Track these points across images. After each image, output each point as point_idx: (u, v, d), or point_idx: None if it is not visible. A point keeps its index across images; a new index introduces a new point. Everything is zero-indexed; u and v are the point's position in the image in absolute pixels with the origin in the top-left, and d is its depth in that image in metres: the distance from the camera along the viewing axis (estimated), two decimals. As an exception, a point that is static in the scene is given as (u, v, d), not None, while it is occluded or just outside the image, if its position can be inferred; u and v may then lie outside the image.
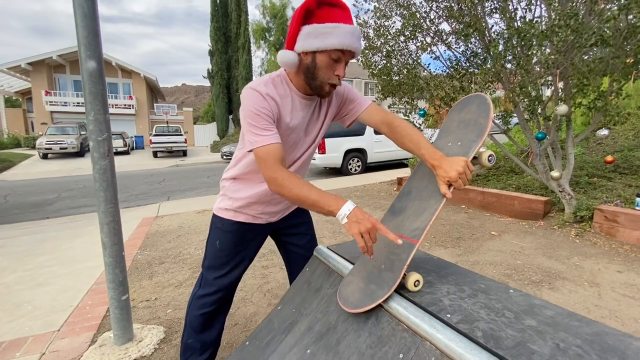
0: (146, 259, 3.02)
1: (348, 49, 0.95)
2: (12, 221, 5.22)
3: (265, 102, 0.98)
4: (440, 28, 3.33)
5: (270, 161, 0.94)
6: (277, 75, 1.06)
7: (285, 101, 1.04)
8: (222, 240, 1.21)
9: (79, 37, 1.36)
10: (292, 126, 1.06)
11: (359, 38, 0.98)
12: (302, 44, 0.96)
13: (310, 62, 0.98)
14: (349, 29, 0.94)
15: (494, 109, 3.18)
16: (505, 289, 0.89)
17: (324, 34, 0.93)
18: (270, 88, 1.01)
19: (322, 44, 0.93)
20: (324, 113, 1.16)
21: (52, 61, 19.63)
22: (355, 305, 0.86)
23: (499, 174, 4.62)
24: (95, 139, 1.42)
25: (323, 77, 0.98)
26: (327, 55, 0.95)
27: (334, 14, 0.94)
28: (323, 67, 0.97)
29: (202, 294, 1.24)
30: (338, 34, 0.93)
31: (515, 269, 2.41)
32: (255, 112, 0.96)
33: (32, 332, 1.89)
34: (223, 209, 1.21)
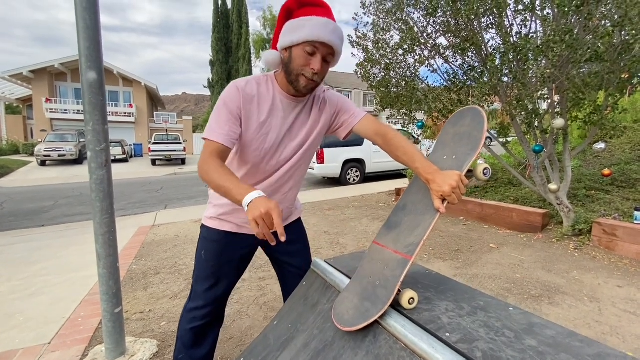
0: (141, 269, 2.98)
1: (319, 40, 0.93)
2: (7, 228, 5.17)
3: (237, 96, 0.99)
4: (437, 42, 3.38)
5: (207, 152, 0.95)
6: (264, 75, 1.08)
7: (265, 99, 1.04)
8: (208, 251, 1.18)
9: (81, 48, 1.37)
10: (267, 124, 1.04)
11: (334, 32, 0.96)
12: (281, 42, 0.98)
13: (287, 57, 0.99)
14: (322, 21, 0.94)
15: (490, 122, 3.19)
16: (505, 307, 0.88)
17: (297, 28, 0.94)
18: (251, 85, 1.02)
19: (295, 38, 0.94)
20: (315, 119, 1.12)
21: (53, 69, 19.79)
22: (349, 323, 0.85)
23: (497, 186, 4.63)
24: (94, 149, 1.41)
25: (297, 69, 0.97)
26: (301, 48, 0.95)
27: (314, 13, 0.95)
28: (297, 59, 0.96)
29: (192, 307, 1.21)
30: (310, 26, 0.93)
31: (515, 283, 2.39)
32: (222, 104, 0.98)
33: (22, 345, 1.84)
34: (209, 217, 1.19)
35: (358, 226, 4.09)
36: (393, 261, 0.92)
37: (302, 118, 1.09)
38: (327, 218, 4.54)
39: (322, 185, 8.24)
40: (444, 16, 3.23)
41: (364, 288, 0.92)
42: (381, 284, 0.89)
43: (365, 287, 0.92)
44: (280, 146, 1.07)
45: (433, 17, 3.18)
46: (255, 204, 0.79)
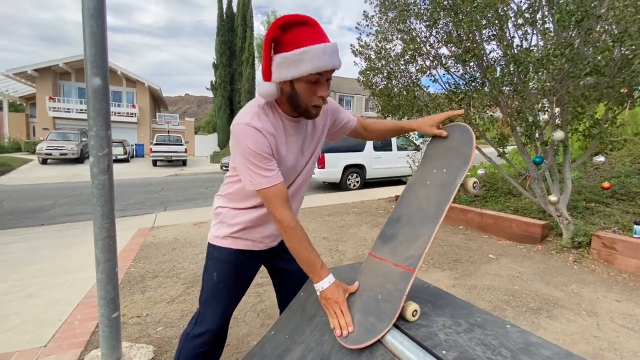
0: (139, 272, 2.98)
1: (324, 70, 0.90)
2: (6, 227, 5.17)
3: (265, 139, 0.95)
4: (439, 52, 3.40)
5: (277, 203, 0.94)
6: (265, 103, 1.01)
7: (279, 131, 1.01)
8: (220, 272, 1.14)
9: (86, 54, 1.39)
10: (289, 153, 1.05)
11: (335, 53, 0.91)
12: (278, 75, 0.91)
13: (289, 90, 0.94)
14: (320, 49, 0.88)
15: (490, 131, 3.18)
16: (502, 324, 0.88)
17: (295, 62, 0.88)
18: (264, 121, 0.97)
19: (296, 73, 0.89)
20: (320, 129, 1.14)
21: (58, 68, 19.91)
22: (355, 340, 0.84)
23: (497, 196, 4.63)
24: (96, 154, 1.42)
25: (306, 102, 0.95)
26: (304, 81, 0.91)
27: (302, 36, 0.88)
28: (303, 93, 0.93)
29: (198, 332, 1.15)
30: (310, 59, 0.87)
31: (513, 295, 2.38)
32: (256, 151, 0.93)
33: (18, 347, 1.84)
34: (220, 237, 1.14)
35: (357, 233, 4.08)
36: (394, 274, 0.92)
37: (309, 133, 1.12)
38: (326, 224, 4.54)
39: (322, 190, 8.24)
40: (446, 27, 3.26)
41: (366, 302, 0.92)
42: (384, 297, 0.89)
43: (366, 302, 0.92)
44: (296, 165, 1.10)
45: (435, 27, 3.21)
46: (327, 296, 0.93)
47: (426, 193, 1.03)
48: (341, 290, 0.94)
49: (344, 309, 0.91)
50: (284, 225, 0.94)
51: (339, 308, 0.91)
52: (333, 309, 0.92)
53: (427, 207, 0.99)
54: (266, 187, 0.93)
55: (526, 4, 2.74)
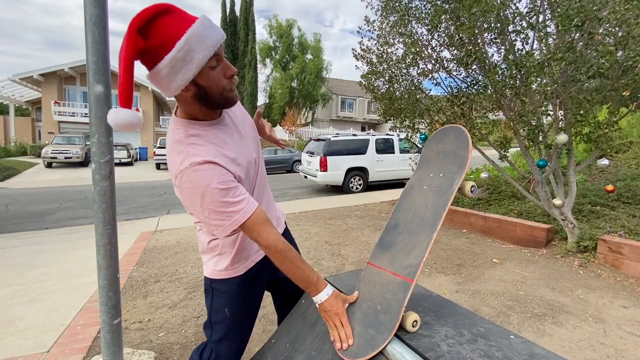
0: (142, 276, 2.98)
1: (218, 46, 0.78)
2: (11, 230, 5.21)
3: (222, 168, 0.84)
4: (441, 55, 3.40)
5: (258, 229, 0.85)
6: (184, 127, 0.88)
7: (218, 141, 0.89)
8: (233, 304, 1.07)
9: (89, 61, 1.39)
10: (237, 151, 0.94)
11: (214, 24, 0.79)
12: (177, 84, 0.78)
13: (197, 91, 0.82)
14: (200, 27, 0.75)
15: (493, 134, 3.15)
16: (506, 335, 0.86)
17: (185, 56, 0.75)
18: (202, 145, 0.85)
19: (194, 66, 0.76)
20: (239, 111, 1.06)
21: (63, 73, 20.11)
22: (355, 353, 0.83)
23: (500, 199, 4.59)
24: (98, 160, 1.43)
25: (221, 91, 0.84)
26: (206, 71, 0.79)
27: (169, 27, 0.74)
28: (213, 83, 0.82)
29: None
30: (199, 43, 0.75)
31: (518, 301, 2.36)
32: (222, 188, 0.82)
33: (21, 352, 1.84)
34: (222, 269, 1.05)
35: (360, 237, 4.07)
36: (393, 284, 0.91)
37: (232, 118, 1.01)
38: (328, 227, 4.53)
39: (324, 193, 8.23)
40: (447, 30, 3.26)
41: (365, 313, 0.91)
42: (383, 308, 0.88)
43: (366, 313, 0.91)
44: (249, 157, 1.01)
45: (436, 31, 3.20)
46: (326, 308, 0.91)
47: (423, 199, 1.02)
48: (340, 301, 0.93)
49: (343, 320, 0.90)
50: (272, 250, 0.87)
51: (339, 320, 0.90)
52: (333, 321, 0.90)
53: (424, 214, 0.98)
54: (246, 219, 0.84)
55: (527, 7, 2.73)
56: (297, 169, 9.95)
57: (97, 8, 1.36)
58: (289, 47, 25.50)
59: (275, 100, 25.47)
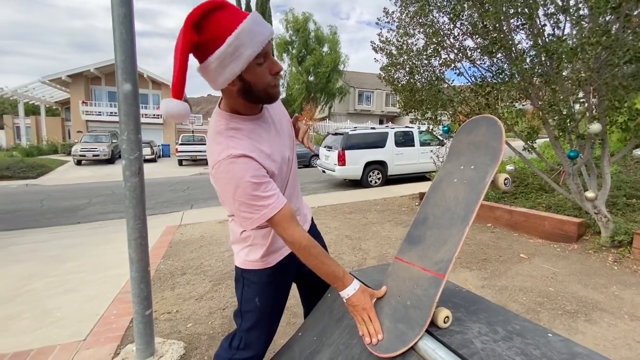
0: (169, 269, 3.09)
1: (266, 42, 0.81)
2: (46, 225, 5.52)
3: (256, 162, 0.87)
4: (464, 44, 3.28)
5: (284, 225, 0.88)
6: (225, 120, 0.91)
7: (255, 136, 0.92)
8: (263, 294, 1.10)
9: (117, 60, 1.44)
10: (273, 148, 0.97)
11: (263, 21, 0.82)
12: (224, 78, 0.81)
13: (241, 85, 0.85)
14: (250, 23, 0.78)
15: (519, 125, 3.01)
16: (543, 332, 0.83)
17: (235, 51, 0.77)
18: (241, 138, 0.89)
19: (242, 62, 0.79)
20: (277, 111, 1.07)
21: (89, 73, 20.92)
22: (386, 349, 0.82)
23: (527, 192, 4.42)
24: (128, 157, 1.47)
25: (264, 87, 0.87)
26: (253, 67, 0.81)
27: (222, 23, 0.76)
28: (258, 79, 0.85)
29: (242, 357, 1.10)
30: (248, 39, 0.77)
31: (548, 297, 2.27)
32: (255, 181, 0.85)
33: (59, 341, 1.96)
34: (254, 260, 1.07)
35: (381, 231, 4.03)
36: (423, 279, 0.89)
37: (271, 115, 1.03)
38: (348, 222, 4.52)
39: (342, 188, 8.21)
40: (470, 18, 3.13)
41: (395, 309, 0.90)
42: (413, 304, 0.86)
43: (395, 308, 0.90)
44: (283, 154, 1.03)
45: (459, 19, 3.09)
46: (353, 303, 0.90)
47: (454, 192, 0.99)
48: (368, 296, 0.92)
49: (372, 315, 0.89)
50: (296, 245, 0.89)
51: (367, 315, 0.89)
52: (361, 316, 0.90)
53: (455, 208, 0.95)
54: (273, 215, 0.86)
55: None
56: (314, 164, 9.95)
57: (123, 7, 1.39)
58: (305, 42, 25.36)
59: (292, 95, 25.50)
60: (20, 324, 2.18)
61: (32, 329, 2.11)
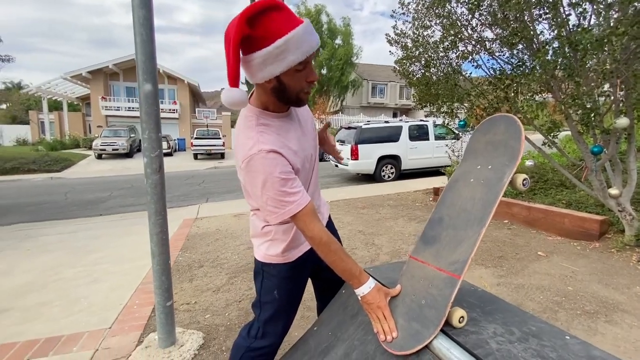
0: (187, 261, 3.19)
1: (310, 53, 0.84)
2: (71, 217, 5.77)
3: (284, 158, 0.90)
4: (483, 35, 3.18)
5: (307, 220, 0.91)
6: (256, 116, 0.94)
7: (284, 133, 0.96)
8: (281, 289, 1.14)
9: (138, 61, 1.48)
10: (298, 145, 1.01)
11: (312, 30, 0.85)
12: (262, 75, 0.84)
13: (277, 85, 0.88)
14: (302, 32, 0.81)
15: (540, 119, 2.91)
16: (560, 335, 0.82)
17: (280, 55, 0.80)
18: (270, 134, 0.92)
19: (283, 66, 0.82)
20: (303, 109, 1.11)
21: (108, 69, 21.44)
22: (400, 346, 0.84)
23: (546, 188, 4.30)
24: (149, 155, 1.53)
25: (297, 92, 0.91)
26: (292, 71, 0.85)
27: (275, 24, 0.79)
28: (293, 83, 0.88)
29: (261, 346, 1.16)
30: (296, 47, 0.80)
31: (566, 296, 2.23)
32: (283, 177, 0.88)
33: (87, 328, 2.06)
34: (274, 255, 1.11)
35: (394, 226, 4.02)
36: (438, 279, 0.90)
37: (300, 119, 1.07)
38: (361, 217, 4.52)
39: (355, 182, 8.19)
40: (490, 8, 3.03)
41: (409, 307, 0.91)
42: (428, 303, 0.87)
43: (410, 307, 0.91)
44: (307, 152, 1.07)
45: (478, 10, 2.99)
46: (368, 301, 0.92)
47: (470, 192, 0.98)
48: (382, 295, 0.94)
49: (386, 313, 0.91)
50: (316, 241, 0.92)
51: (382, 313, 0.91)
52: (376, 314, 0.92)
53: (471, 209, 0.95)
54: (298, 211, 0.90)
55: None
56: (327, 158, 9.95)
57: (143, 9, 1.43)
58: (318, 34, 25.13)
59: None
60: (51, 311, 2.31)
61: (62, 316, 2.23)
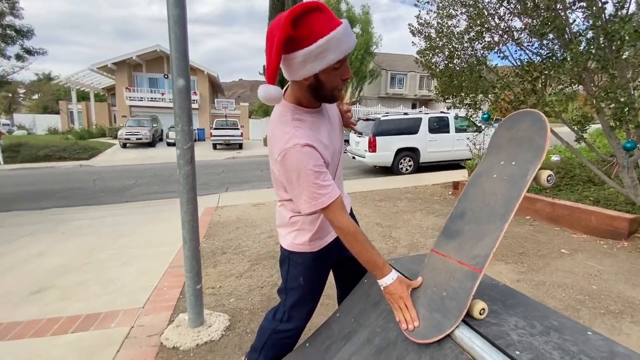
0: (210, 247, 3.32)
1: (347, 52, 0.89)
2: (100, 203, 6.08)
3: (317, 152, 0.95)
4: (510, 25, 3.08)
5: (336, 212, 0.96)
6: (291, 112, 1.00)
7: (316, 128, 1.01)
8: (306, 276, 1.20)
9: (172, 58, 1.55)
10: (329, 139, 1.05)
11: (351, 31, 0.90)
12: (302, 73, 0.90)
13: (313, 82, 0.93)
14: (341, 33, 0.85)
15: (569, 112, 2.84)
16: (583, 330, 0.84)
17: (320, 54, 0.85)
18: (305, 128, 0.97)
19: (323, 64, 0.87)
20: (332, 111, 1.15)
21: (131, 61, 22.00)
22: (422, 335, 0.88)
23: (573, 184, 4.17)
24: (182, 147, 1.61)
25: (331, 89, 0.96)
26: (329, 70, 0.90)
27: (317, 25, 0.84)
28: (329, 81, 0.93)
29: (286, 329, 1.24)
30: (335, 47, 0.85)
31: (590, 295, 2.19)
32: (316, 170, 0.93)
33: (122, 307, 2.22)
34: (302, 243, 1.17)
35: (411, 220, 4.03)
36: (460, 272, 0.93)
37: (330, 115, 1.12)
38: (379, 209, 4.54)
39: (372, 174, 8.17)
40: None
41: (431, 298, 0.95)
42: (449, 295, 0.91)
43: (431, 298, 0.95)
44: (336, 146, 1.11)
45: (507, -1, 2.90)
46: (391, 291, 0.96)
47: (493, 188, 0.99)
48: (404, 286, 0.98)
49: (408, 303, 0.95)
50: (344, 231, 0.97)
51: (404, 303, 0.95)
52: (398, 304, 0.96)
53: (494, 204, 0.97)
54: (328, 204, 0.94)
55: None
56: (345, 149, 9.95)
57: (177, 8, 1.49)
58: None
59: (322, 79, 25.19)
60: (88, 290, 2.49)
61: (98, 295, 2.40)
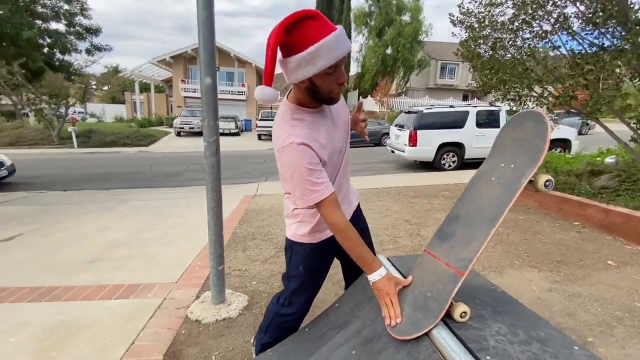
0: (243, 233, 3.55)
1: (340, 59, 0.92)
2: (155, 186, 6.72)
3: (312, 151, 0.99)
4: (564, 12, 2.79)
5: (329, 208, 1.00)
6: (290, 110, 1.06)
7: (314, 127, 1.05)
8: (306, 265, 1.28)
9: (201, 57, 1.69)
10: (327, 139, 1.09)
11: (344, 37, 0.92)
12: (295, 77, 0.94)
13: (309, 85, 0.98)
14: (332, 40, 0.89)
15: (629, 112, 2.58)
16: (569, 344, 0.81)
17: (311, 60, 0.89)
18: (302, 127, 1.02)
19: (314, 70, 0.91)
20: (341, 107, 1.17)
21: (187, 54, 23.52)
22: (402, 332, 0.91)
23: (635, 189, 3.70)
24: (208, 140, 1.76)
25: (327, 92, 1.00)
26: (322, 74, 0.94)
27: (309, 32, 0.88)
28: (323, 85, 0.97)
29: (287, 312, 1.34)
30: (326, 53, 0.89)
31: (630, 312, 1.99)
32: (310, 168, 0.98)
33: (159, 280, 2.50)
34: (301, 234, 1.24)
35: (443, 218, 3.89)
36: (444, 275, 0.94)
37: (332, 111, 1.15)
38: (411, 206, 4.45)
39: (412, 169, 7.95)
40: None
41: (416, 297, 0.97)
42: (433, 295, 0.92)
43: (417, 297, 0.97)
44: (336, 146, 1.14)
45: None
46: (378, 287, 1.00)
47: (489, 191, 0.98)
48: (392, 283, 1.01)
49: (394, 300, 0.98)
50: (335, 227, 1.02)
51: (389, 299, 0.98)
52: (384, 300, 0.99)
53: (487, 207, 0.95)
54: (322, 199, 1.00)
55: None
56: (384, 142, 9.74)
57: (205, 11, 1.62)
58: (387, 12, 23.97)
59: (367, 69, 24.72)
60: (133, 264, 2.84)
61: (141, 269, 2.73)
